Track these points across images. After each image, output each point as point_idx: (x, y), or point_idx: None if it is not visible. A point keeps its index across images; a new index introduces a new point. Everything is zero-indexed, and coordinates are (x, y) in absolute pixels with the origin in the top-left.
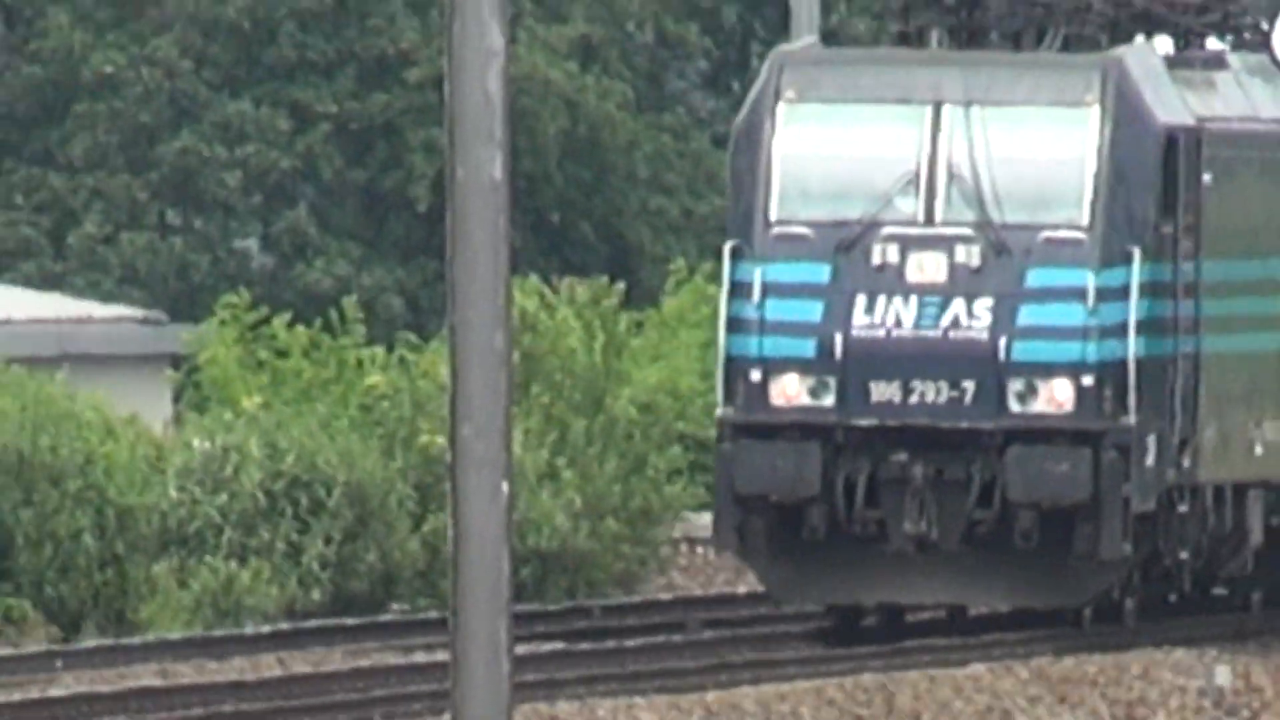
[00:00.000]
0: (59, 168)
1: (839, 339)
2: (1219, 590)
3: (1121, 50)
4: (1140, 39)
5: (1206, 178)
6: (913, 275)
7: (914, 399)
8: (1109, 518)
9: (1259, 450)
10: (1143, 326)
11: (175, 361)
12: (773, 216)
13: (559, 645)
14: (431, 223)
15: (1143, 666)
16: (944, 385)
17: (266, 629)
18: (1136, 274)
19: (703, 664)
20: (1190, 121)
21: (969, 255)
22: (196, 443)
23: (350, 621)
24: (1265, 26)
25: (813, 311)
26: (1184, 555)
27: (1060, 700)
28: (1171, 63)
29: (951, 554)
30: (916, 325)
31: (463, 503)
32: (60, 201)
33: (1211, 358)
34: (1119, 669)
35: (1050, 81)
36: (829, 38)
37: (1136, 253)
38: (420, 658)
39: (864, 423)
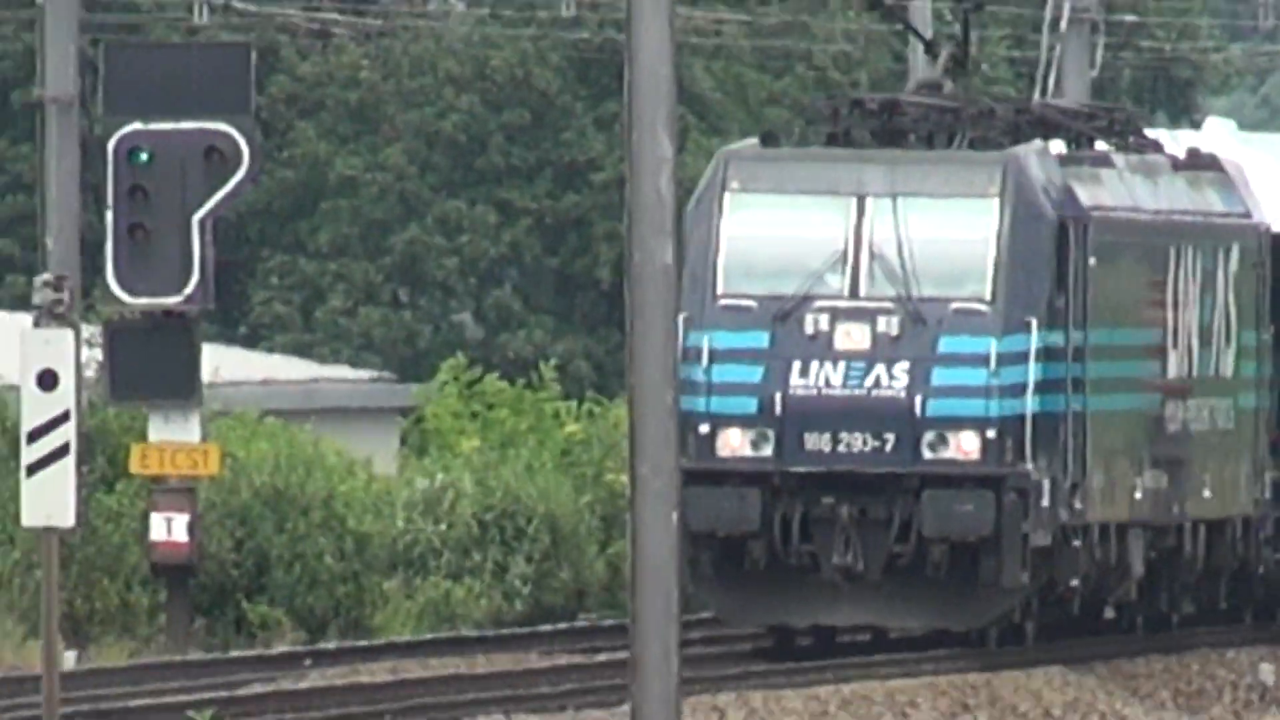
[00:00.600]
0: (308, 254)
1: (778, 398)
2: (1108, 614)
3: (1020, 149)
4: (1037, 141)
5: (1093, 260)
6: (840, 343)
7: (841, 448)
8: (1010, 551)
9: (1139, 495)
10: (1038, 386)
11: (403, 413)
12: (719, 290)
13: (718, 649)
14: (613, 299)
15: (1200, 664)
16: (868, 437)
17: (477, 634)
18: (1034, 341)
19: (838, 662)
20: (1079, 211)
21: (889, 325)
22: (420, 480)
23: (546, 628)
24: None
25: (754, 374)
26: (1075, 583)
27: (1133, 693)
28: (1064, 160)
29: (874, 583)
30: (844, 385)
31: (640, 530)
32: (309, 282)
33: (1097, 414)
34: (1182, 666)
35: (958, 176)
36: (767, 138)
37: (1033, 322)
38: (604, 658)
39: (798, 469)
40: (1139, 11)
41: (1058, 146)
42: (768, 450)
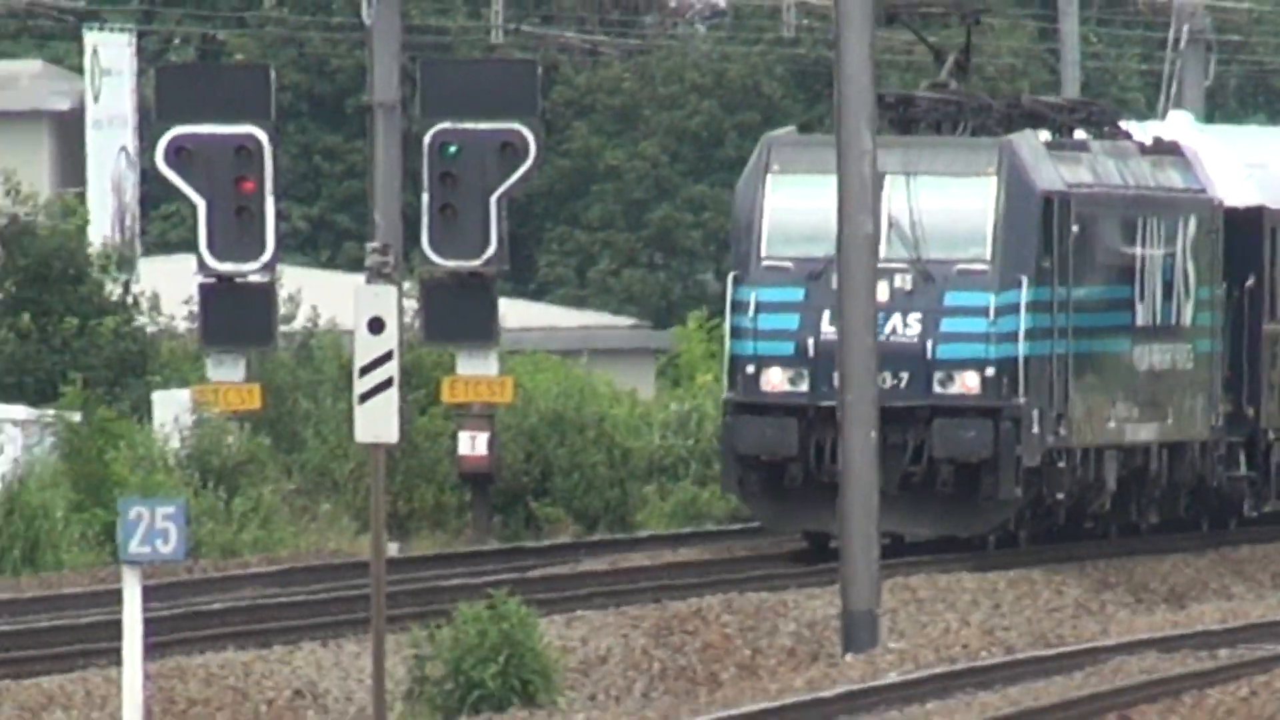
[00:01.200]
0: (582, 227)
1: (810, 342)
2: (1088, 524)
3: (1013, 136)
4: (1027, 130)
5: (1074, 228)
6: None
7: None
8: (1005, 470)
9: (1112, 423)
10: (1029, 333)
11: (657, 353)
12: (763, 253)
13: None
14: None
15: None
16: (887, 375)
17: (717, 528)
18: (1024, 296)
19: (1004, 553)
20: (1062, 188)
21: (904, 282)
22: (672, 405)
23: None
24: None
25: (791, 322)
26: (1060, 497)
27: (1237, 574)
28: (1049, 146)
29: (893, 497)
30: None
31: (847, 445)
32: (583, 249)
33: (1078, 356)
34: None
35: (961, 158)
36: (802, 127)
37: (1024, 280)
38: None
39: (828, 403)
40: (1244, 32)
41: (1044, 135)
42: (804, 386)
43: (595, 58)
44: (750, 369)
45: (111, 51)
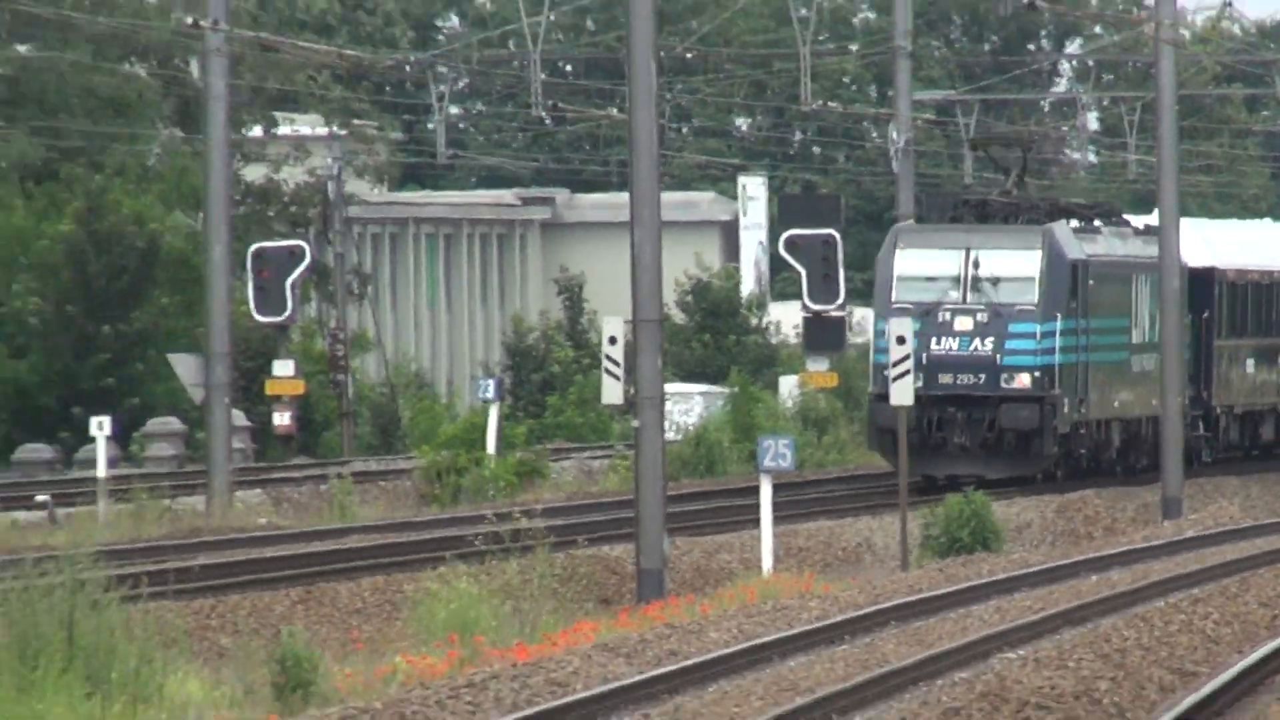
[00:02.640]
0: None
1: (924, 355)
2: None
3: (1052, 224)
4: (1062, 220)
5: (1090, 282)
6: (957, 327)
7: (958, 382)
8: (1047, 435)
9: (1116, 404)
10: (1061, 349)
11: None
12: (894, 299)
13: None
14: None
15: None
16: (970, 376)
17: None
18: (1058, 326)
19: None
20: (1083, 257)
21: (982, 317)
22: None
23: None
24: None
25: (912, 343)
26: (1083, 452)
27: (1204, 495)
28: (1075, 230)
29: (975, 452)
30: (959, 349)
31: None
32: None
33: (1093, 363)
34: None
35: (1019, 238)
36: (919, 218)
37: (1059, 316)
38: None
39: (936, 393)
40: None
41: (1073, 223)
42: (919, 383)
43: None
44: (886, 372)
45: (754, 188)
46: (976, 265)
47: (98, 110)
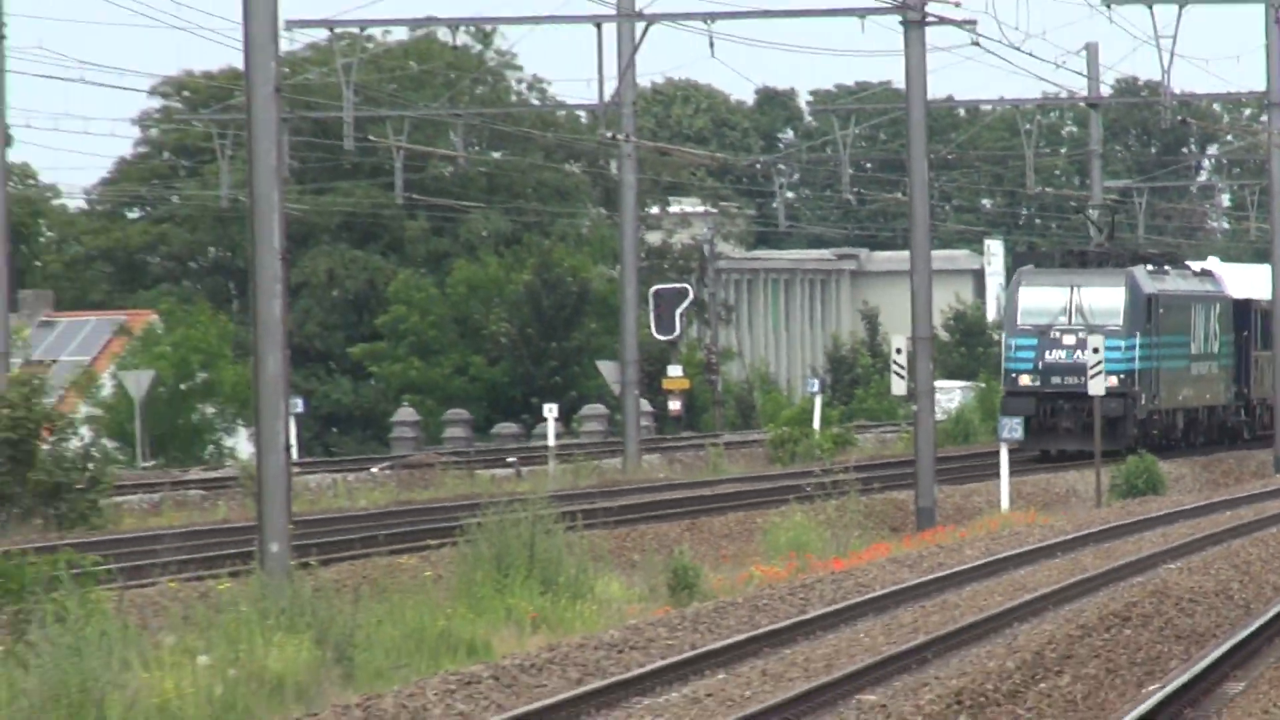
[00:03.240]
0: None
1: (1040, 363)
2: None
3: (1133, 267)
4: (1141, 264)
5: (1160, 310)
6: (1065, 342)
7: (1066, 382)
8: (1129, 421)
9: (1180, 398)
10: (1140, 359)
11: None
12: (1018, 324)
13: None
14: None
15: None
16: (1074, 377)
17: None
18: (1138, 342)
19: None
20: (1155, 291)
21: (1084, 336)
22: None
23: None
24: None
25: (1031, 354)
26: (1155, 433)
27: (1243, 465)
28: (1149, 271)
29: (1078, 433)
30: (1066, 359)
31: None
32: None
33: (1162, 368)
34: None
35: (1109, 278)
36: (1037, 263)
37: (1138, 335)
38: None
39: (1049, 390)
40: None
41: (1148, 266)
42: (1037, 383)
43: None
44: (1013, 375)
45: (995, 248)
46: (1078, 298)
47: (547, 196)
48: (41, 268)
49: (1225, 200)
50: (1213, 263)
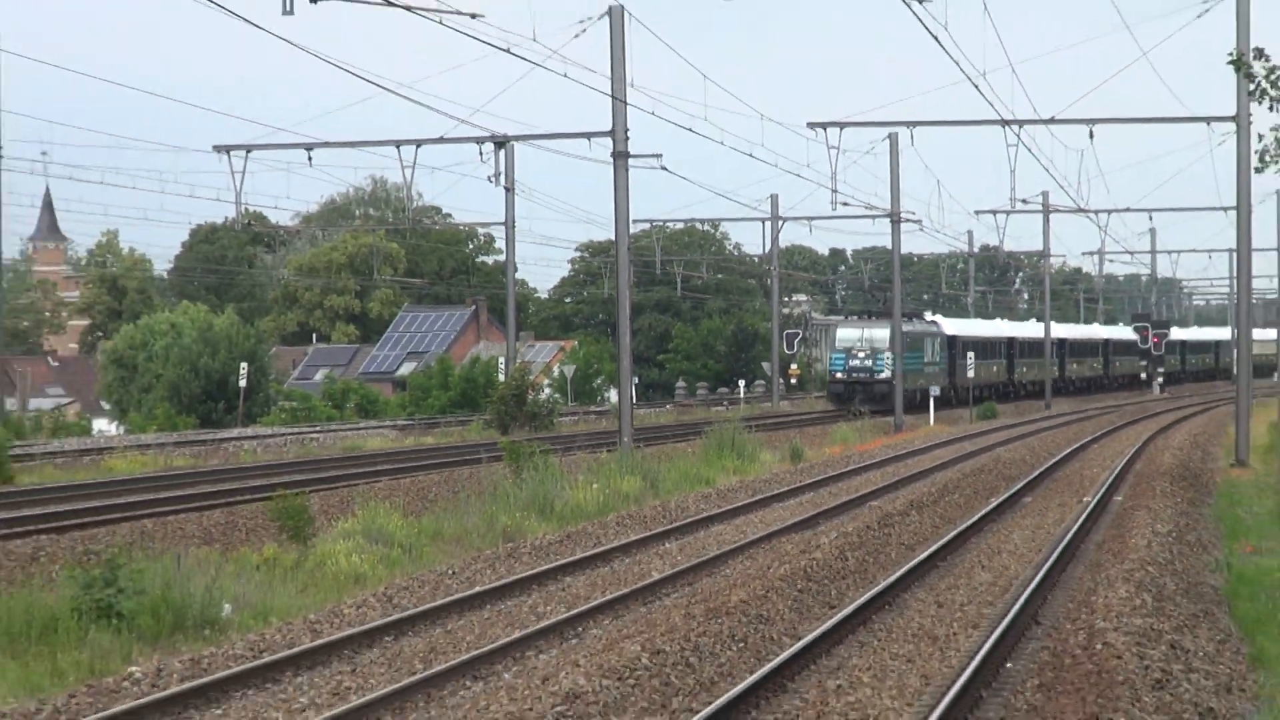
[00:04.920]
0: None
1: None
2: None
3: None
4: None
5: (908, 339)
6: (858, 355)
7: (860, 376)
8: (894, 394)
9: (919, 383)
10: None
11: None
12: (836, 346)
13: None
14: None
15: None
16: (865, 374)
17: None
18: (897, 354)
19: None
20: (906, 330)
21: (869, 354)
22: None
23: None
24: None
25: (843, 361)
26: (912, 400)
27: None
28: (903, 319)
29: (868, 402)
30: (860, 364)
31: None
32: None
33: (909, 369)
34: None
35: (879, 325)
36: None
37: (896, 351)
38: None
39: (852, 380)
40: None
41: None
42: (845, 376)
43: None
44: (834, 373)
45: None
46: (865, 336)
47: (739, 291)
48: (529, 320)
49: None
50: (939, 317)
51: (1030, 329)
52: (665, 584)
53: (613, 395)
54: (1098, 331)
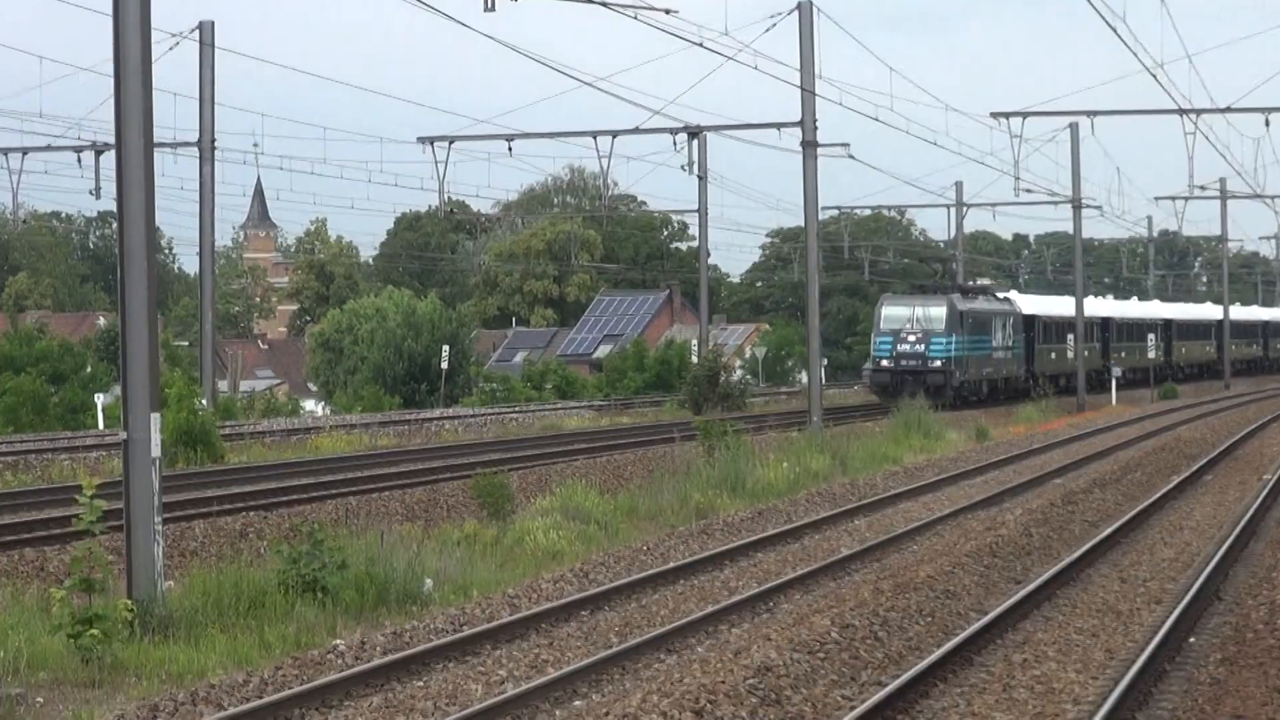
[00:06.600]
0: None
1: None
2: None
3: (952, 295)
4: (956, 293)
5: (970, 320)
6: (908, 339)
7: (910, 365)
8: (948, 386)
9: (985, 372)
10: (954, 349)
11: None
12: (881, 328)
13: None
14: None
15: None
16: (916, 361)
17: None
18: (953, 339)
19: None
20: (966, 309)
21: (920, 337)
22: None
23: None
24: None
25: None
26: (967, 393)
27: None
28: (962, 297)
29: (917, 394)
30: (910, 350)
31: None
32: None
33: (972, 355)
34: None
35: (934, 302)
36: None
37: (954, 335)
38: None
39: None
40: None
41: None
42: (891, 364)
43: None
44: (876, 358)
45: None
46: (915, 317)
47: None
48: (722, 303)
49: None
50: (1013, 292)
51: (1171, 311)
52: (854, 560)
53: (803, 376)
54: (1257, 313)
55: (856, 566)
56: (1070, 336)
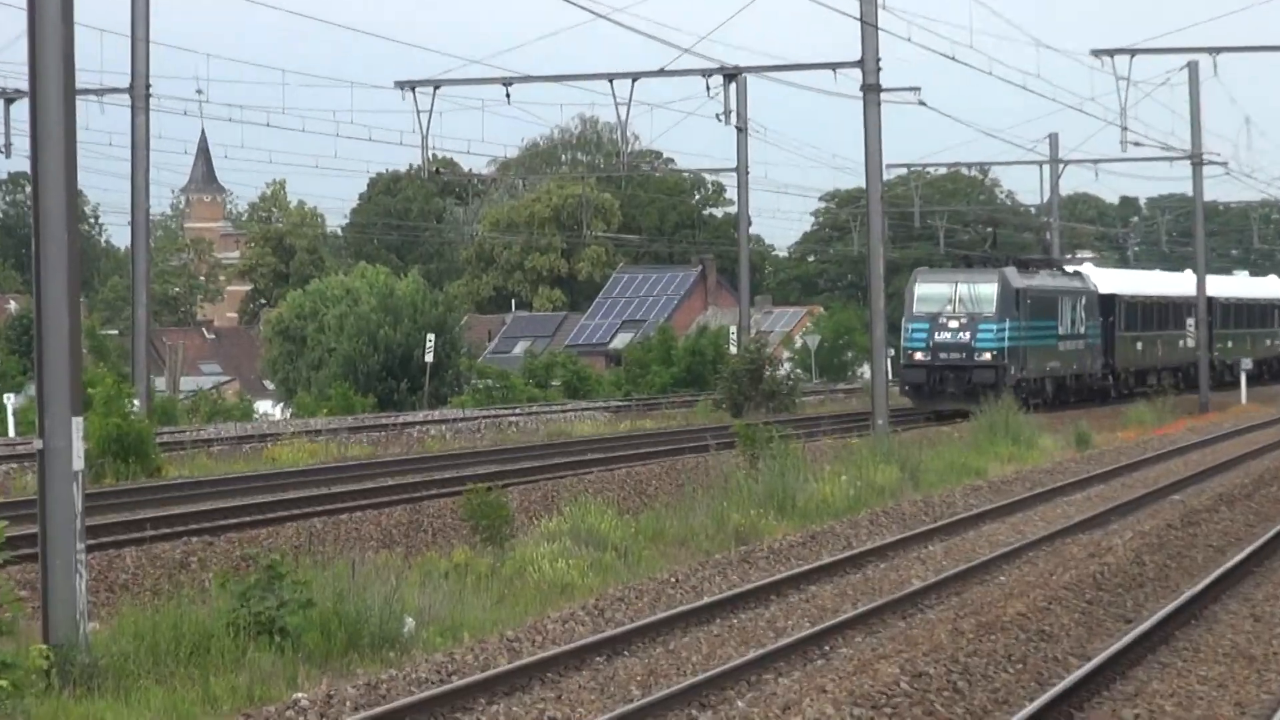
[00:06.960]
0: None
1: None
2: None
3: (1005, 268)
4: (1010, 266)
5: (1029, 301)
6: (949, 325)
7: (950, 357)
8: (1001, 385)
9: (1049, 367)
10: (1009, 339)
11: None
12: (914, 311)
13: None
14: None
15: None
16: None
17: None
18: (1008, 325)
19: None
20: (1024, 286)
21: (965, 323)
22: None
23: None
24: None
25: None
26: (1025, 394)
27: None
28: (1019, 272)
29: (959, 396)
30: (951, 339)
31: None
32: None
33: (1032, 345)
34: None
35: (983, 277)
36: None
37: (1007, 320)
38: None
39: (938, 363)
40: None
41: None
42: (928, 358)
43: None
44: (909, 351)
45: None
46: (958, 293)
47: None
48: (766, 282)
49: None
50: (1086, 265)
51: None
52: (928, 593)
53: (865, 371)
54: None
55: (931, 602)
56: (1174, 321)
